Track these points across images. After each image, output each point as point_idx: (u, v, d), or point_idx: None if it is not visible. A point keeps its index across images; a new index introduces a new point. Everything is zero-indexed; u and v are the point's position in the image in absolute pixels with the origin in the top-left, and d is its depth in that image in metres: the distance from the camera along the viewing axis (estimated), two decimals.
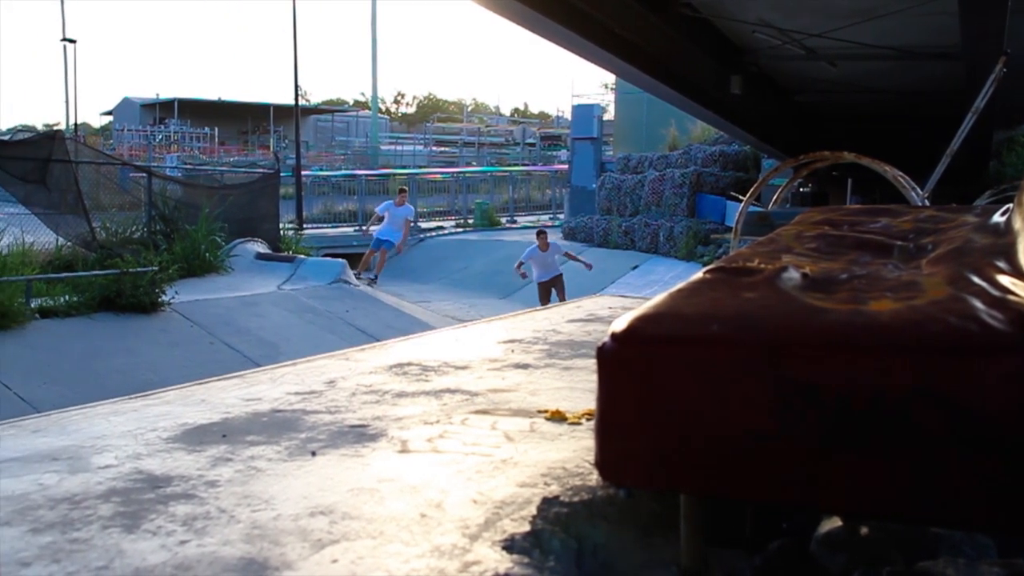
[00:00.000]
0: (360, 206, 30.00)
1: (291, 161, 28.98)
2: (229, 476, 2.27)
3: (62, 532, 1.89)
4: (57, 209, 16.42)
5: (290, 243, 20.22)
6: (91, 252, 15.99)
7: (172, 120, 56.75)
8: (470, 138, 62.56)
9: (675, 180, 24.83)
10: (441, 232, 29.47)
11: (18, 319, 11.25)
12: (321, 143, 58.91)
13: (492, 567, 1.71)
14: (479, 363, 3.88)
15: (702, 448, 1.54)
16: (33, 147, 17.35)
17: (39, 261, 14.69)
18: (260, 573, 1.68)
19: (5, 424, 2.86)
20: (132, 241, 17.10)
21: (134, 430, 2.75)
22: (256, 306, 14.15)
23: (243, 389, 3.37)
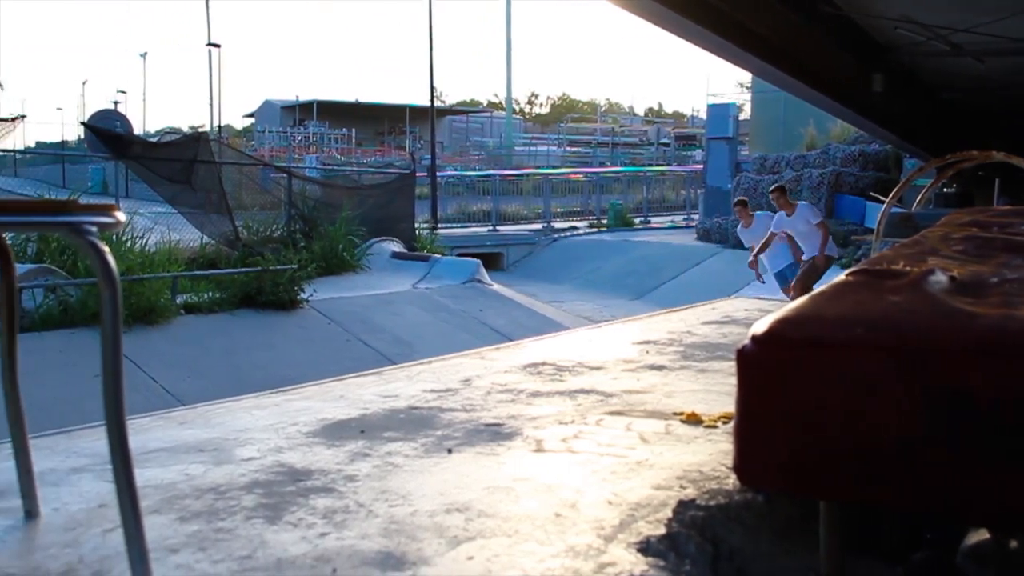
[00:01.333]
0: (494, 206, 30.18)
1: (426, 161, 29.32)
2: (367, 471, 2.31)
3: (207, 521, 1.94)
4: (202, 209, 16.94)
5: (425, 242, 20.44)
6: (234, 250, 16.44)
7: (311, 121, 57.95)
8: (604, 138, 62.36)
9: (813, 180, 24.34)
10: (575, 232, 29.44)
11: (164, 314, 11.62)
12: (456, 144, 59.44)
13: (627, 569, 1.70)
14: (614, 364, 3.87)
15: (844, 454, 1.51)
16: (179, 149, 17.93)
17: (184, 259, 15.17)
18: (397, 567, 1.70)
19: (153, 416, 2.96)
20: (272, 240, 17.52)
21: (275, 424, 2.81)
22: (391, 304, 14.35)
23: (380, 386, 3.43)
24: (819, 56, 13.15)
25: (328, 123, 56.87)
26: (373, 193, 20.34)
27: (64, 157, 37.82)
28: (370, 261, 17.47)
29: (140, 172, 17.61)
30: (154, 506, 2.02)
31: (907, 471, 1.46)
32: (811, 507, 1.71)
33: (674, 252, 23.70)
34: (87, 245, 1.52)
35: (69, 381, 8.78)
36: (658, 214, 34.43)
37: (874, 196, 20.87)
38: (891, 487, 1.48)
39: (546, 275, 23.75)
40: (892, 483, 1.48)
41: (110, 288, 1.53)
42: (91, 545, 1.80)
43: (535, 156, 52.33)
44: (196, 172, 16.81)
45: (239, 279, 13.39)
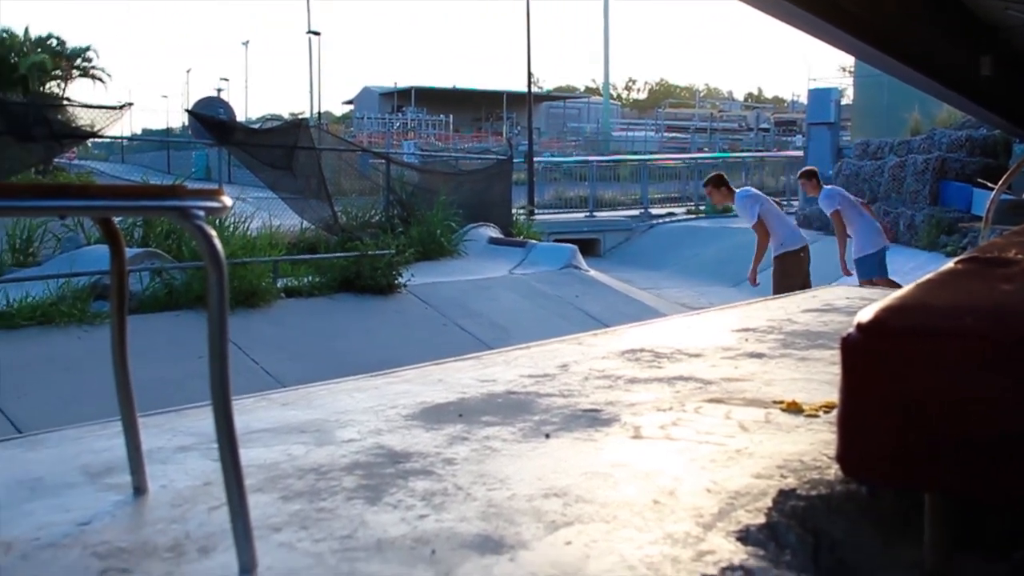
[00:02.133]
0: (591, 192, 30.10)
1: (523, 147, 29.36)
2: (465, 454, 2.32)
3: (309, 501, 1.98)
4: (302, 194, 17.19)
5: (522, 228, 20.47)
6: (333, 235, 16.65)
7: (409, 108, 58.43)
8: (702, 124, 61.79)
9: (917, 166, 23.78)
10: (672, 218, 29.23)
11: (265, 298, 11.82)
12: (553, 129, 59.40)
13: (727, 557, 1.69)
14: (712, 351, 3.83)
15: (951, 446, 1.47)
16: (280, 135, 18.20)
17: (285, 243, 15.42)
18: (496, 550, 1.71)
19: (256, 397, 3.01)
20: (371, 225, 17.70)
21: (375, 406, 2.85)
22: (488, 290, 14.41)
23: (478, 370, 3.45)
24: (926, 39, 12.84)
25: (426, 109, 57.28)
26: (470, 179, 20.43)
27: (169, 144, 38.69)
28: (467, 246, 17.55)
29: (242, 158, 17.93)
30: (257, 485, 2.06)
31: (1014, 465, 1.43)
32: (915, 500, 1.68)
33: None
34: (194, 229, 1.55)
35: (174, 362, 8.99)
36: None
37: (982, 183, 20.31)
38: (1000, 482, 1.45)
39: (643, 261, 23.64)
40: (1001, 478, 1.44)
41: (217, 271, 1.56)
42: (197, 521, 1.85)
43: (632, 142, 52.04)
44: (296, 158, 17.05)
45: (338, 263, 13.56)
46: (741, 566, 1.66)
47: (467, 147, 41.69)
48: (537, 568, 1.64)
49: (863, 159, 26.43)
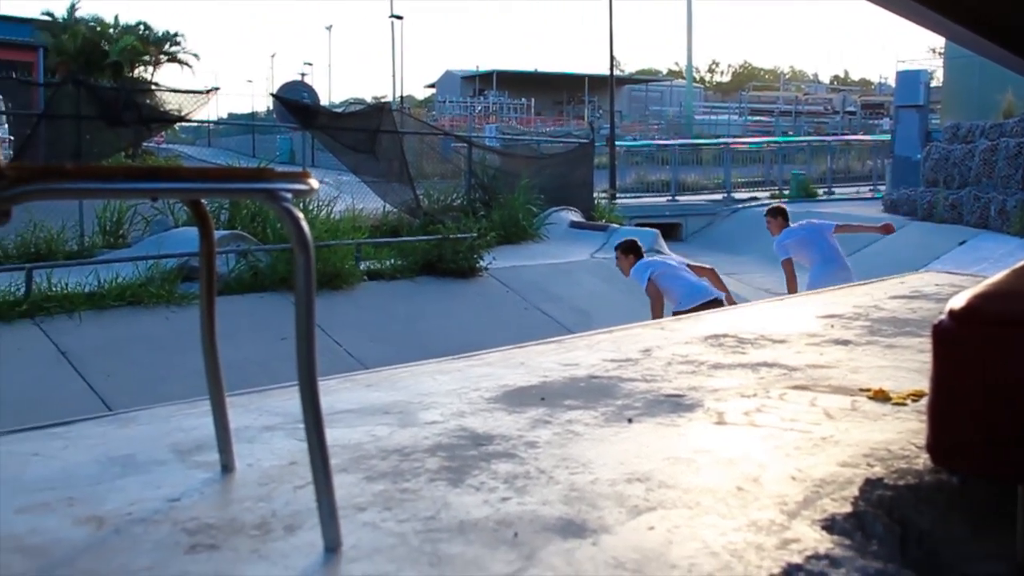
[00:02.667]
0: (673, 176, 29.88)
1: (605, 131, 29.23)
2: (548, 438, 2.32)
3: (393, 482, 1.99)
4: (384, 177, 17.32)
5: (603, 212, 20.40)
6: (415, 218, 16.76)
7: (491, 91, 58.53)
8: (786, 107, 61.02)
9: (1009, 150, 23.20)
10: (756, 203, 28.90)
11: (348, 280, 11.94)
12: (635, 113, 59.11)
13: (812, 546, 1.67)
14: (797, 337, 3.79)
15: None
16: (363, 119, 18.35)
17: (368, 226, 15.55)
18: (578, 534, 1.71)
19: (341, 378, 3.05)
20: (453, 208, 17.78)
21: (458, 389, 2.86)
22: (569, 274, 14.39)
23: (560, 354, 3.45)
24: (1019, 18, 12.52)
25: (507, 93, 57.35)
26: (552, 162, 20.41)
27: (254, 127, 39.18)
28: (548, 230, 17.55)
29: (325, 142, 18.12)
30: (342, 465, 2.08)
31: None
32: (1007, 491, 1.64)
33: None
34: (282, 211, 1.57)
35: (258, 343, 9.14)
36: (842, 185, 33.47)
37: None
38: None
39: (725, 246, 23.41)
40: None
41: (304, 253, 1.57)
42: (283, 500, 1.87)
43: (715, 125, 51.58)
44: (379, 142, 17.17)
45: (420, 247, 13.65)
46: (827, 555, 1.64)
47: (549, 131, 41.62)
48: (619, 553, 1.63)
49: (953, 143, 25.85)
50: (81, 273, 10.49)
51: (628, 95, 62.48)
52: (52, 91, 16.59)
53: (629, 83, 65.54)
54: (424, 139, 20.09)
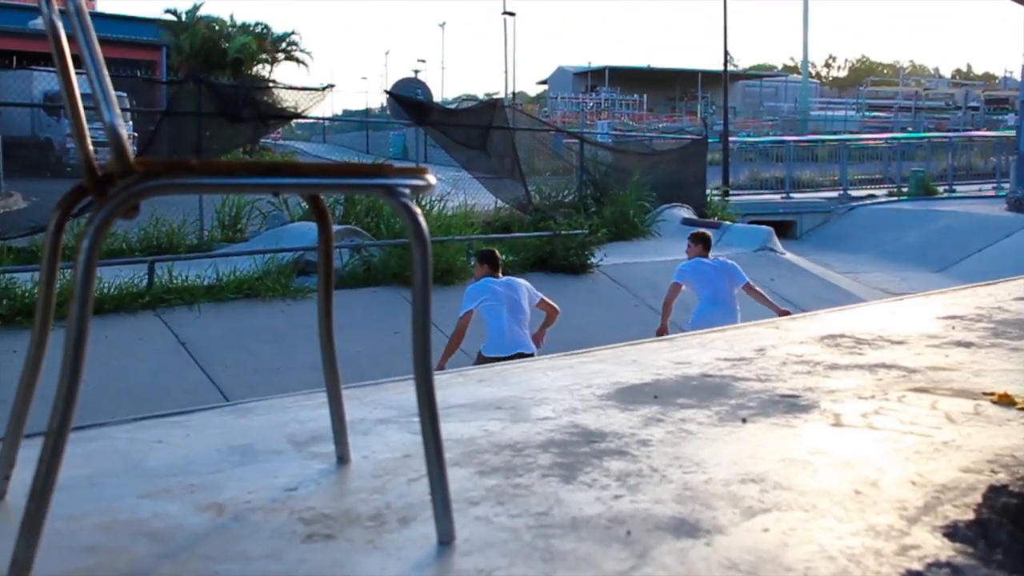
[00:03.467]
0: (787, 173, 29.43)
1: (718, 127, 28.95)
2: (660, 436, 2.31)
3: (505, 477, 2.00)
4: (496, 174, 17.41)
5: (716, 209, 20.22)
6: (526, 215, 16.81)
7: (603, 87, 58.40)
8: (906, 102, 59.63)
9: None
10: (873, 201, 28.32)
11: (460, 276, 12.04)
12: (749, 109, 58.39)
13: (933, 553, 1.63)
14: (916, 339, 3.70)
15: None
16: (476, 115, 18.49)
17: (479, 222, 15.65)
18: (691, 534, 1.69)
19: (453, 373, 3.07)
20: (564, 205, 17.80)
21: (570, 385, 2.86)
22: None
23: (673, 352, 3.42)
24: None
25: (619, 89, 57.16)
26: (664, 159, 20.31)
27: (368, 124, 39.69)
28: (660, 227, 17.45)
29: (438, 138, 18.29)
30: (455, 459, 2.09)
31: None
32: None
33: (981, 223, 22.30)
34: (400, 206, 1.58)
35: (371, 336, 9.27)
36: (964, 182, 32.60)
37: None
38: None
39: (841, 244, 22.98)
40: None
41: (421, 248, 1.59)
42: (397, 493, 1.89)
43: (831, 121, 50.64)
44: (491, 138, 17.28)
45: (532, 243, 13.70)
46: (948, 563, 1.60)
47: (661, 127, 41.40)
48: (733, 554, 1.61)
49: None
50: (200, 266, 10.76)
51: (742, 91, 61.77)
52: (174, 89, 17.05)
53: (743, 79, 64.80)
54: (536, 135, 20.15)
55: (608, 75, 60.25)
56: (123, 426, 2.43)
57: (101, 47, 1.45)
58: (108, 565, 1.56)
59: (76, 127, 1.53)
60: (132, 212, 1.44)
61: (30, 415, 1.78)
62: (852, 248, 22.64)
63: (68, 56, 1.55)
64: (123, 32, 33.40)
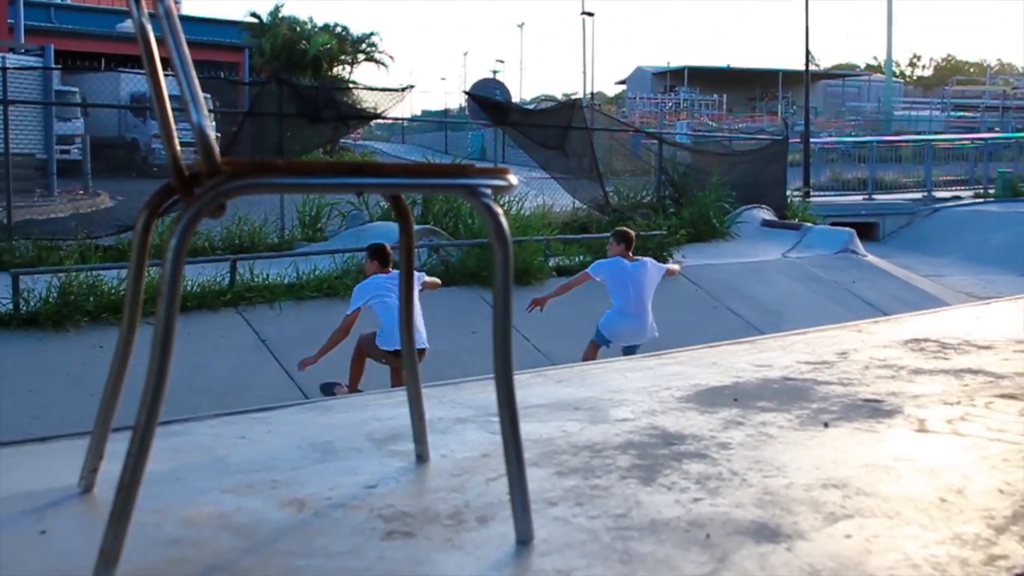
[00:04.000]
0: (869, 174, 28.95)
1: (799, 127, 28.59)
2: (740, 439, 2.29)
3: (584, 477, 1.99)
4: (574, 174, 17.40)
5: (796, 210, 19.98)
6: (604, 215, 16.77)
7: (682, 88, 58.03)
8: (993, 102, 58.32)
9: None
10: (958, 202, 27.76)
11: (537, 276, 12.04)
12: (830, 109, 57.62)
13: (1021, 563, 1.59)
14: (1004, 344, 3.62)
15: None
16: (554, 116, 18.48)
17: (557, 223, 15.65)
18: (772, 539, 1.68)
19: (532, 372, 3.07)
20: (642, 205, 17.73)
21: (649, 387, 2.84)
22: (760, 273, 14.15)
23: (753, 355, 3.39)
24: None
25: (699, 89, 56.75)
26: (744, 159, 20.12)
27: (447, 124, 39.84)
28: (739, 228, 17.30)
29: (516, 138, 18.32)
30: (533, 459, 2.09)
31: None
32: None
33: None
34: (482, 207, 1.59)
35: (449, 336, 9.30)
36: None
37: None
38: None
39: (924, 247, 22.56)
40: None
41: (502, 248, 1.59)
42: (475, 492, 1.90)
43: (915, 121, 49.73)
44: (569, 138, 17.26)
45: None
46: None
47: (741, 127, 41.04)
48: (815, 560, 1.59)
49: None
50: (281, 265, 10.90)
51: (823, 90, 60.95)
52: (256, 90, 17.29)
53: (825, 78, 63.95)
54: (614, 136, 20.09)
55: (687, 75, 59.85)
56: (207, 421, 2.47)
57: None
58: (193, 558, 1.58)
59: (164, 127, 1.56)
60: (219, 211, 1.46)
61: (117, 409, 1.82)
62: (936, 251, 22.20)
63: (157, 58, 1.58)
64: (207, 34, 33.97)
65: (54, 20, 35.32)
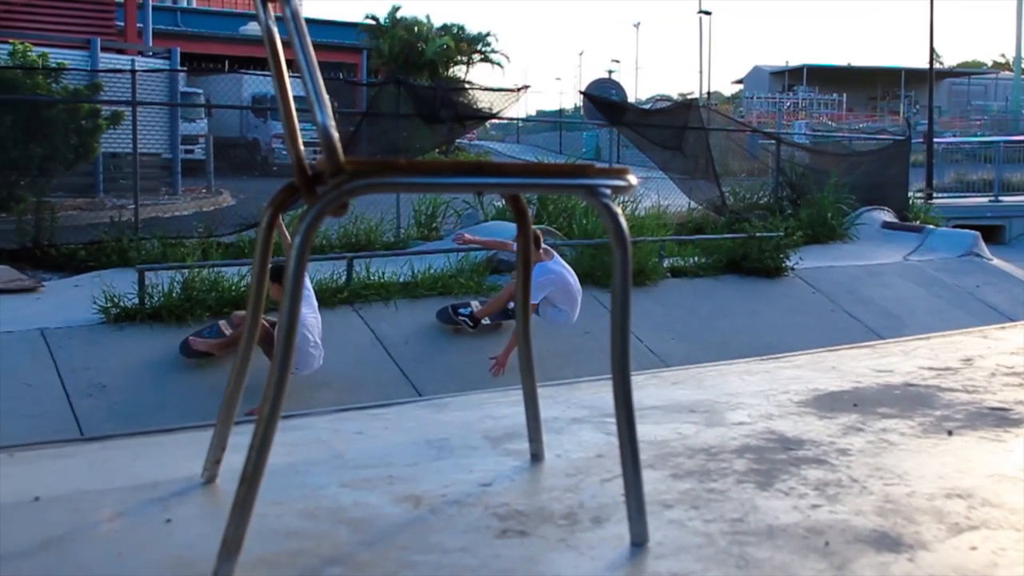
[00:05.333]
0: (996, 175, 28.07)
1: (922, 127, 27.90)
2: (860, 446, 2.24)
3: (699, 480, 1.98)
4: (690, 175, 17.25)
5: (918, 212, 19.49)
6: (720, 216, 16.60)
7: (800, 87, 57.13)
8: None
9: None
10: None
11: (652, 277, 11.96)
12: (955, 108, 56.11)
13: None
14: None
15: None
16: (670, 116, 18.35)
17: (672, 223, 15.53)
18: (893, 548, 1.64)
19: (647, 374, 3.06)
20: (758, 206, 17.49)
21: (766, 390, 2.81)
22: (880, 276, 13.84)
23: (874, 360, 3.32)
24: None
25: (818, 88, 55.78)
26: (864, 160, 19.70)
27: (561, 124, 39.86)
28: (858, 230, 16.95)
29: (632, 138, 18.24)
30: (648, 461, 2.08)
31: None
32: None
33: None
34: (602, 207, 1.59)
35: (561, 335, 9.29)
36: None
37: None
38: None
39: None
40: None
41: (621, 248, 1.58)
42: (590, 492, 1.89)
43: None
44: (686, 139, 17.11)
45: (725, 244, 13.51)
46: None
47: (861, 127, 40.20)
48: (938, 571, 1.56)
49: None
50: (396, 263, 11.02)
51: (948, 89, 59.39)
52: (374, 91, 17.51)
53: (949, 76, 62.26)
54: (730, 136, 19.87)
55: (806, 74, 58.87)
56: (325, 416, 2.51)
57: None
58: (311, 550, 1.61)
59: (288, 128, 1.59)
60: (341, 210, 1.49)
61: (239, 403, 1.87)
62: None
63: (283, 60, 1.61)
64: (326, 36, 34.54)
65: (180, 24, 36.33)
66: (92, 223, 13.70)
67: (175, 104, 20.18)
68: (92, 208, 15.71)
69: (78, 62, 18.11)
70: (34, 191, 14.16)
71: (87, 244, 12.39)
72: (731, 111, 44.56)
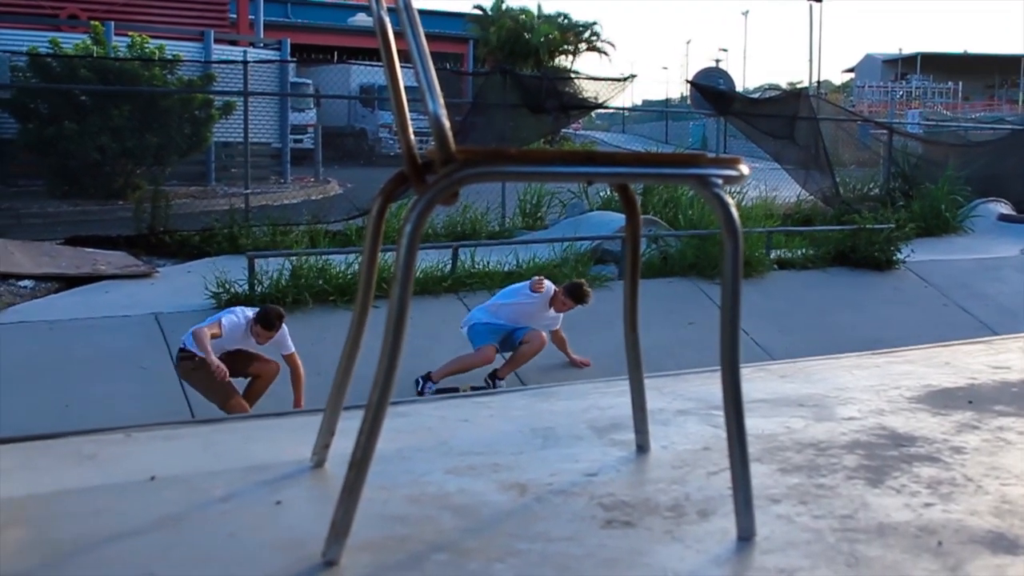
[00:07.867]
0: None
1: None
2: (975, 444, 2.19)
3: (808, 476, 1.95)
4: (801, 165, 17.01)
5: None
6: (830, 207, 16.33)
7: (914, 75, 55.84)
8: None
9: None
10: None
11: (758, 268, 11.82)
12: None
13: None
14: None
15: None
16: (779, 105, 18.10)
17: (779, 214, 15.33)
18: (1010, 551, 1.60)
19: (754, 367, 3.01)
20: (869, 198, 17.17)
21: (876, 385, 2.75)
22: (996, 270, 13.48)
23: (990, 356, 3.23)
24: None
25: (932, 77, 54.46)
26: (980, 151, 19.20)
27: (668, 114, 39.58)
28: (973, 223, 16.52)
29: (742, 128, 18.05)
30: (755, 455, 2.05)
31: None
32: None
33: None
34: (712, 197, 1.57)
35: (665, 327, 9.25)
36: None
37: None
38: None
39: None
40: None
41: (732, 240, 1.56)
42: (696, 485, 1.88)
43: None
44: (796, 128, 16.87)
45: (833, 236, 13.30)
46: None
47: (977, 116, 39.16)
48: None
49: None
50: (501, 252, 11.07)
51: None
52: (481, 81, 17.59)
53: None
54: (841, 125, 19.54)
55: (920, 62, 57.53)
56: (431, 403, 2.54)
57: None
58: (417, 536, 1.63)
59: (399, 117, 1.60)
60: (452, 199, 1.50)
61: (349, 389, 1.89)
62: None
63: (394, 50, 1.62)
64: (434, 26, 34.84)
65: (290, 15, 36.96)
66: (204, 211, 14.04)
67: (285, 94, 20.55)
68: (204, 196, 16.10)
69: (192, 54, 18.58)
70: (150, 180, 14.57)
71: (199, 231, 12.71)
72: (841, 100, 43.76)
